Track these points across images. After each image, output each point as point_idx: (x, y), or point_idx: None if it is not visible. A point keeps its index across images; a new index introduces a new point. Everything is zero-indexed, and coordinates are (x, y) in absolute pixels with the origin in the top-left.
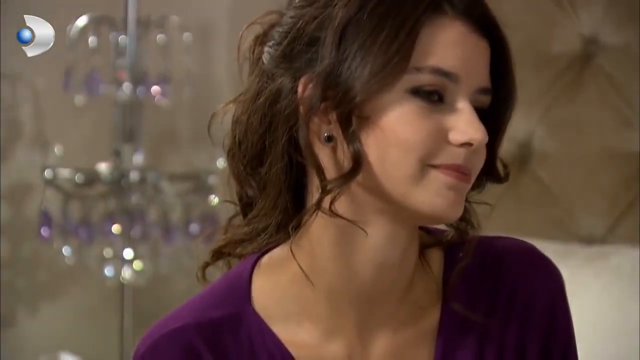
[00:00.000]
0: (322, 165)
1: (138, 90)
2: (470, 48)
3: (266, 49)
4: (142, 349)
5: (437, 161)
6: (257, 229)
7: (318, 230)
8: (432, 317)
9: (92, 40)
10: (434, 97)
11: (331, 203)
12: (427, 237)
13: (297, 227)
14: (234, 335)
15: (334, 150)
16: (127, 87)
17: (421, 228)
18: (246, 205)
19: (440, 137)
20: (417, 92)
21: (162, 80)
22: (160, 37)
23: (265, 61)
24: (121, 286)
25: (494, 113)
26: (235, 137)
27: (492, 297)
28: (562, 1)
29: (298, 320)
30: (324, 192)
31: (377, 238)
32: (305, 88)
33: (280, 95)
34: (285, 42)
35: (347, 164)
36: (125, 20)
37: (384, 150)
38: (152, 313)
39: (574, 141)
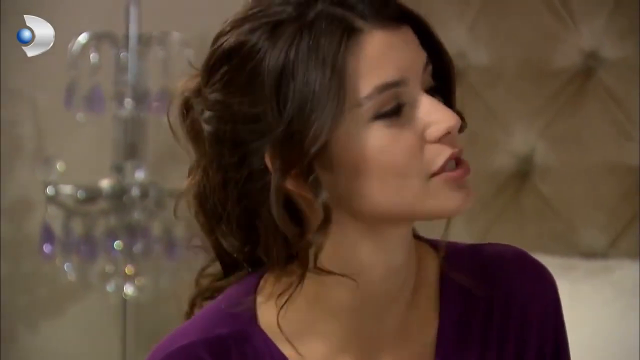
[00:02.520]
0: (307, 215)
1: (140, 106)
2: (397, 45)
3: (207, 128)
4: None
5: (436, 166)
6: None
7: (328, 249)
8: (432, 330)
9: (93, 56)
10: (396, 112)
11: (315, 257)
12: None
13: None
14: (241, 353)
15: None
16: (128, 103)
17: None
18: (224, 255)
19: (422, 142)
20: (378, 117)
21: (164, 97)
22: (161, 53)
23: (211, 143)
24: (123, 302)
25: (440, 90)
26: (202, 207)
27: (489, 303)
28: (563, 16)
29: (306, 339)
30: (306, 246)
31: (387, 246)
32: (273, 163)
33: (251, 179)
34: (229, 127)
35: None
36: (126, 36)
37: (382, 181)
38: (155, 329)
39: (575, 155)
